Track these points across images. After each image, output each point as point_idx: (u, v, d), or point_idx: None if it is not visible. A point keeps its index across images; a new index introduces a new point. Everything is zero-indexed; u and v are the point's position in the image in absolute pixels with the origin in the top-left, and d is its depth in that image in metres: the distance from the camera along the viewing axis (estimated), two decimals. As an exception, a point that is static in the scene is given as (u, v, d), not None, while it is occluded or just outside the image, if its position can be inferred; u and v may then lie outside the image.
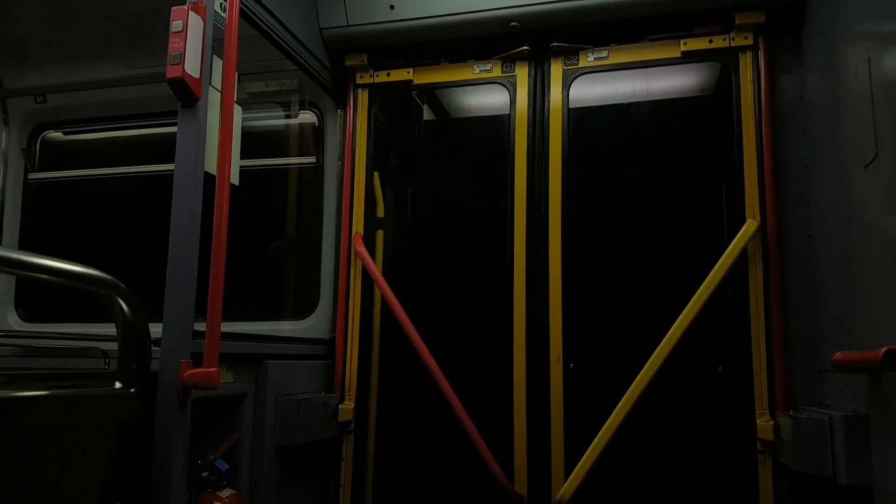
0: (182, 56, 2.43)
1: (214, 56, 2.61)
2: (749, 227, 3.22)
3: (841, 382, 2.76)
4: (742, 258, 3.21)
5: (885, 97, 2.24)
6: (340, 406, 3.53)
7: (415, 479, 3.73)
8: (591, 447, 3.20)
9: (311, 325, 3.73)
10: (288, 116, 4.16)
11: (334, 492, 3.57)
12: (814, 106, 3.16)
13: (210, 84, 2.59)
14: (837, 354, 2.37)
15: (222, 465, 2.71)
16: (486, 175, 4.14)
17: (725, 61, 3.43)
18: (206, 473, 2.66)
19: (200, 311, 2.48)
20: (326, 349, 3.67)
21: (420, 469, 3.73)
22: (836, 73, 2.78)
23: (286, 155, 4.11)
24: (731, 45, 3.35)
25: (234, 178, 2.66)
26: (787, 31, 3.30)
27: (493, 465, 3.30)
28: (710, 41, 3.38)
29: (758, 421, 3.10)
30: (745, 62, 3.35)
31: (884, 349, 1.93)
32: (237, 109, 2.74)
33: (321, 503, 3.54)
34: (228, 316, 2.55)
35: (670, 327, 3.17)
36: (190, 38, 2.45)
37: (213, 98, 2.62)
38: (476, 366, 3.67)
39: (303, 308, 3.80)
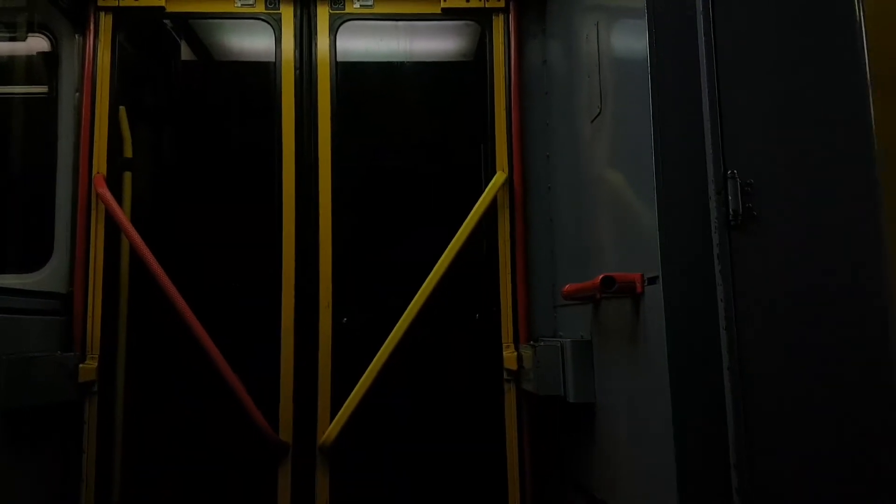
0: None
1: None
2: (498, 178, 3.50)
3: (572, 314, 3.16)
4: (493, 208, 3.49)
5: (608, 57, 2.57)
6: (81, 366, 3.21)
7: (172, 439, 3.50)
8: (354, 391, 3.28)
9: (43, 278, 3.28)
10: (13, 39, 3.56)
11: (76, 459, 3.23)
12: (554, 69, 3.51)
13: None
14: (567, 287, 2.69)
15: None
16: (252, 119, 3.95)
17: (481, 22, 3.64)
18: None
19: None
20: (63, 304, 3.28)
21: (178, 428, 3.51)
22: (572, 37, 3.11)
23: (9, 83, 3.52)
24: (486, 5, 3.57)
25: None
26: (534, -2, 3.60)
27: (255, 414, 3.24)
28: (468, 0, 3.57)
29: (504, 353, 3.43)
30: (498, 25, 3.60)
31: (601, 275, 2.23)
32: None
33: (63, 471, 3.20)
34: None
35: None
36: None
37: None
38: (241, 317, 3.54)
39: (33, 259, 3.32)
